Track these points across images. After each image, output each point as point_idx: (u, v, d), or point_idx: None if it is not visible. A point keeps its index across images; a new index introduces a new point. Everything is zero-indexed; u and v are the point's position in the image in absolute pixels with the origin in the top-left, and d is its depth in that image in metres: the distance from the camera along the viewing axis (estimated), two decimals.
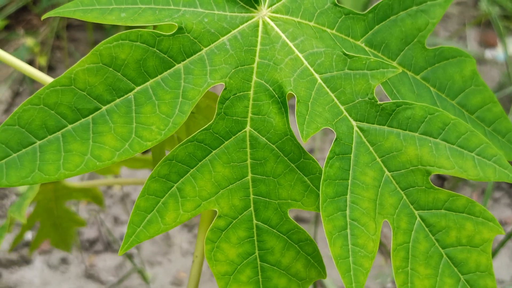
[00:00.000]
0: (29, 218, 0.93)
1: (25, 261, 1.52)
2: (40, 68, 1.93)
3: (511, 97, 1.63)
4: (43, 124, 0.48)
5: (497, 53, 1.95)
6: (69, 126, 0.48)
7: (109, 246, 1.55)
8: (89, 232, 1.58)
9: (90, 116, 0.49)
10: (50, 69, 1.96)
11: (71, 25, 2.07)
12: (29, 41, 1.93)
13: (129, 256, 1.47)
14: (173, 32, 0.50)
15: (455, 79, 0.58)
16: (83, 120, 0.49)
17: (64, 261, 1.52)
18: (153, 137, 0.49)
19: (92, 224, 1.60)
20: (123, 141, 0.49)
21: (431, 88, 0.57)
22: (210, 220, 0.60)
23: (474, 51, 1.95)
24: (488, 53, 1.96)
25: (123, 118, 0.49)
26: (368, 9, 0.56)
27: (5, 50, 1.98)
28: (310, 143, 1.69)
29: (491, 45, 1.98)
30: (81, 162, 0.48)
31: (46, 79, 0.63)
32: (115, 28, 1.94)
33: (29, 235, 1.55)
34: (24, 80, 1.92)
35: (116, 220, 1.60)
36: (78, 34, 2.05)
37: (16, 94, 1.93)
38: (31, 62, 1.96)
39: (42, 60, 1.91)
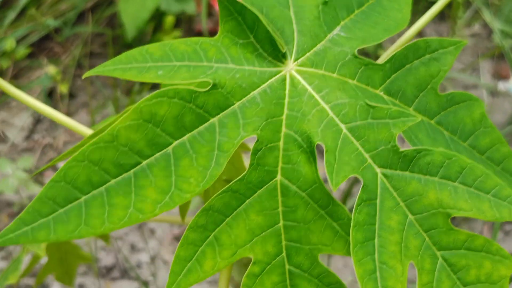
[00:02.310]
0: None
1: (43, 287, 1.54)
2: (61, 96, 1.97)
3: None
4: (88, 179, 0.51)
5: (510, 85, 2.01)
6: (112, 181, 0.52)
7: (125, 273, 1.59)
8: (106, 259, 1.62)
9: (132, 171, 0.52)
10: (71, 97, 2.01)
11: (93, 53, 2.11)
12: (51, 69, 1.96)
13: (145, 283, 1.50)
14: (208, 88, 0.54)
15: (465, 122, 0.63)
16: (125, 174, 0.52)
17: (81, 287, 1.55)
18: (192, 189, 0.53)
19: (109, 251, 1.63)
20: (163, 193, 0.52)
21: (445, 132, 0.62)
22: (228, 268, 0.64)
23: (487, 83, 2.02)
24: (501, 85, 2.02)
25: (163, 172, 0.53)
26: (385, 59, 0.60)
27: (28, 77, 2.03)
28: None
29: (504, 77, 2.04)
30: (124, 215, 0.52)
31: (68, 121, 0.66)
32: None
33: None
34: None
35: (133, 248, 1.64)
36: (99, 61, 2.09)
37: (37, 121, 1.96)
38: (52, 90, 2.00)
39: (64, 88, 1.95)
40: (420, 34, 2.07)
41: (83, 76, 0.55)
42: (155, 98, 0.53)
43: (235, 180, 0.54)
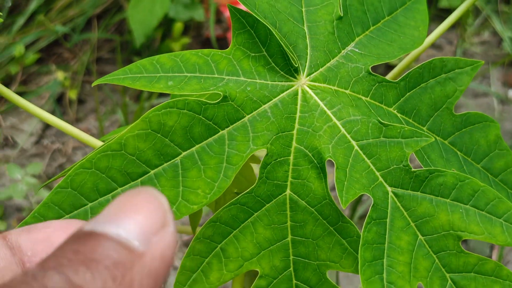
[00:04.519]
0: None
1: None
2: (70, 102, 2.03)
3: None
4: (94, 187, 0.53)
5: None
6: (119, 189, 0.54)
7: None
8: None
9: (139, 180, 0.54)
10: (80, 103, 2.06)
11: (101, 58, 2.17)
12: (60, 75, 2.02)
13: None
14: (218, 100, 0.56)
15: (480, 144, 0.65)
16: (132, 183, 0.54)
17: None
18: (199, 201, 0.55)
19: None
20: (170, 204, 0.54)
21: (458, 153, 0.64)
22: (241, 278, 0.65)
23: (498, 91, 2.05)
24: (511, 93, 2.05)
25: (170, 182, 0.55)
26: (400, 77, 0.62)
27: (37, 83, 2.10)
28: None
29: None
30: None
31: (74, 131, 0.68)
32: None
33: None
34: (55, 113, 2.00)
35: None
36: (107, 67, 2.14)
37: (46, 127, 2.02)
38: (61, 96, 2.06)
39: (72, 94, 2.01)
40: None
41: (93, 84, 0.57)
42: (164, 109, 0.55)
43: (244, 193, 0.56)
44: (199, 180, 0.55)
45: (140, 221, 0.35)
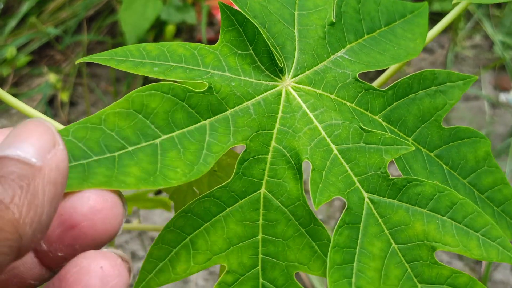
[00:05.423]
0: None
1: None
2: (62, 104, 2.05)
3: None
4: (70, 152, 0.52)
5: (511, 97, 2.05)
6: (94, 157, 0.53)
7: None
8: None
9: (116, 153, 0.54)
10: (71, 105, 2.08)
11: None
12: (52, 77, 2.06)
13: None
14: (203, 90, 0.57)
15: (468, 159, 0.65)
16: (109, 154, 0.54)
17: None
18: (178, 178, 0.54)
19: None
20: (148, 174, 0.53)
21: (444, 166, 0.64)
22: None
23: (489, 94, 2.06)
24: (503, 97, 2.07)
25: (149, 158, 0.54)
26: (388, 86, 0.63)
27: (29, 85, 2.14)
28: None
29: (505, 88, 2.09)
30: (106, 182, 0.52)
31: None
32: None
33: None
34: (46, 115, 2.03)
35: (134, 255, 1.69)
36: (99, 70, 2.17)
37: None
38: (53, 98, 2.09)
39: (64, 96, 2.04)
40: None
41: (76, 62, 0.58)
42: (148, 90, 0.55)
43: (218, 186, 0.57)
44: (178, 160, 0.55)
45: (33, 142, 0.44)
